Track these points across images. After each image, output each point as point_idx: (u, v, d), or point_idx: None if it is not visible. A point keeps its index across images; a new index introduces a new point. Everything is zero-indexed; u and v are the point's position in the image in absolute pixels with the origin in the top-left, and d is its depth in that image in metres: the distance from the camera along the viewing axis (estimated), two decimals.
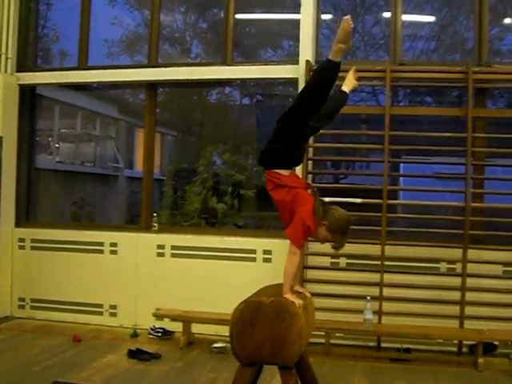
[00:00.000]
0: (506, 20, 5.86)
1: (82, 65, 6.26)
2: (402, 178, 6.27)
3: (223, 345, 4.97)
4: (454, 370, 4.68)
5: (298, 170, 4.50)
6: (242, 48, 6.58)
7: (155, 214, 6.05)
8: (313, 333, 3.32)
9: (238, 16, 6.03)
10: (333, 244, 3.09)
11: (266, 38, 6.69)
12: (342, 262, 5.33)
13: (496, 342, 4.90)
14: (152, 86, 6.17)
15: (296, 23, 5.62)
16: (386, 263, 5.11)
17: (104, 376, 4.31)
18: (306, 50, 5.50)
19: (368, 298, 4.90)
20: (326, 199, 3.18)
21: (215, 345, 5.05)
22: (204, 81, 6.17)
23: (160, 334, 5.44)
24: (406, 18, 5.67)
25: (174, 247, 5.77)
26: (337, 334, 5.09)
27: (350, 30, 2.86)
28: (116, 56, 6.94)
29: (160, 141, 7.78)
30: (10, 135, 6.15)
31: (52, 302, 6.02)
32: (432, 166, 5.72)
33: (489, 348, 4.83)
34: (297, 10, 5.61)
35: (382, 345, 5.14)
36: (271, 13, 6.41)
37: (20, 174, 6.36)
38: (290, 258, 2.99)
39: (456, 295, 5.01)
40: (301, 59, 5.46)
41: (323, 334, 4.88)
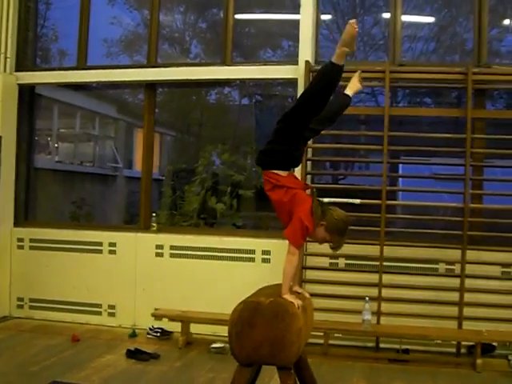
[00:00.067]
0: (506, 21, 5.85)
1: (81, 64, 6.26)
2: (400, 179, 6.26)
3: (222, 345, 4.97)
4: (453, 370, 4.68)
5: (297, 170, 4.53)
6: (242, 48, 6.57)
7: (154, 214, 6.05)
8: (311, 333, 3.33)
9: (237, 16, 6.02)
10: (331, 244, 3.09)
11: (265, 39, 6.67)
12: (341, 262, 5.33)
13: (494, 343, 4.91)
14: (151, 85, 6.17)
15: (295, 23, 5.62)
16: (384, 264, 5.11)
17: (102, 376, 4.31)
18: (306, 50, 5.50)
19: (367, 298, 4.91)
20: (325, 200, 3.20)
21: (214, 345, 5.05)
22: (203, 81, 6.16)
23: (158, 334, 5.44)
24: (405, 18, 5.67)
25: (172, 247, 5.77)
26: (335, 335, 5.09)
27: (355, 34, 2.86)
28: (115, 56, 6.92)
29: (159, 141, 7.76)
30: (9, 135, 6.15)
31: (50, 302, 6.01)
32: (431, 167, 5.72)
33: (487, 349, 4.84)
34: (296, 10, 5.61)
35: (381, 345, 5.15)
36: (271, 13, 6.40)
37: (19, 174, 6.35)
38: (289, 258, 2.99)
39: (454, 296, 5.01)
40: (300, 59, 5.46)
41: (322, 334, 4.88)
